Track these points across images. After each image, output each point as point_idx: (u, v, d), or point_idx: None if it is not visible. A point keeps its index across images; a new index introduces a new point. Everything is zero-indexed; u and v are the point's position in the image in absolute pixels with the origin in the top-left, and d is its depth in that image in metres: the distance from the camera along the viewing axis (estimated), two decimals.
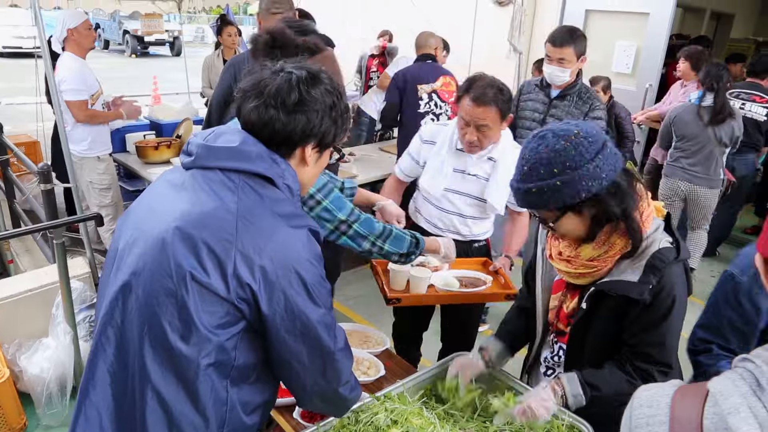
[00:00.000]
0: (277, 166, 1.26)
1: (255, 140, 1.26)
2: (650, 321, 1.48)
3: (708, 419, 0.78)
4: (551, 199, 1.39)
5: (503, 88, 2.25)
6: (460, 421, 1.67)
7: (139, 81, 13.19)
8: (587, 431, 1.56)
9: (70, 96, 3.91)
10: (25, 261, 4.02)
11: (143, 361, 1.19)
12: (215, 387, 1.21)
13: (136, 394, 1.21)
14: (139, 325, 1.19)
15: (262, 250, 1.16)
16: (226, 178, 1.22)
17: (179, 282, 1.15)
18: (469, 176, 2.45)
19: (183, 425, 1.21)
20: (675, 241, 1.50)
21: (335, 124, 1.31)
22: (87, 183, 4.21)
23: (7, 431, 2.73)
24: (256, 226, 1.18)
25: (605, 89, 4.93)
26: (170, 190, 1.28)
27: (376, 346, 2.16)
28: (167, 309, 1.16)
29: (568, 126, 1.41)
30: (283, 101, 1.23)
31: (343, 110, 1.33)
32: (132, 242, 1.25)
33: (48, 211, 3.19)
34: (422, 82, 4.26)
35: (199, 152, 1.26)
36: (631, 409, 0.89)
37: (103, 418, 1.24)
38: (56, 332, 2.89)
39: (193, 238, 1.16)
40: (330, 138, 1.32)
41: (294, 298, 1.19)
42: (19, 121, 8.38)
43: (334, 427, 1.54)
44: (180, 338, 1.16)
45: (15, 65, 15.35)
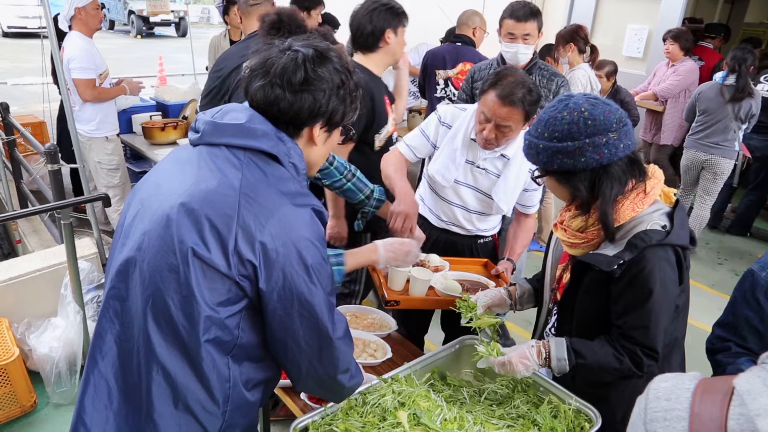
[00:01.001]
0: (283, 144, 1.25)
1: (262, 118, 1.25)
2: (632, 302, 1.49)
3: (733, 419, 0.72)
4: (531, 156, 1.53)
5: (533, 88, 2.06)
6: (466, 404, 1.68)
7: (144, 62, 13.16)
8: (594, 416, 1.57)
9: (78, 74, 3.90)
10: (32, 241, 4.04)
11: (148, 335, 1.20)
12: (216, 363, 1.21)
13: (142, 368, 1.22)
14: (143, 300, 1.20)
15: (263, 226, 1.16)
16: (231, 154, 1.22)
17: (182, 258, 1.15)
18: (478, 170, 2.30)
19: (189, 400, 1.22)
20: (671, 226, 1.49)
21: (344, 102, 1.29)
22: (95, 163, 4.21)
23: (17, 409, 2.76)
24: (258, 203, 1.17)
25: (609, 75, 4.91)
26: (177, 167, 1.28)
27: (383, 328, 2.16)
28: (170, 285, 1.17)
29: (584, 102, 1.46)
30: (288, 80, 1.22)
31: (352, 89, 1.31)
32: (137, 218, 1.25)
33: (55, 191, 3.20)
34: (439, 67, 4.20)
35: (206, 129, 1.26)
36: (646, 400, 0.83)
37: (112, 389, 1.26)
38: (65, 312, 2.91)
39: (197, 215, 1.16)
40: (338, 117, 1.31)
41: (293, 277, 1.18)
42: (25, 101, 8.38)
43: (342, 409, 1.55)
44: (182, 314, 1.17)
45: (20, 45, 15.32)
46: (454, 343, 1.89)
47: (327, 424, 1.50)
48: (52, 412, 2.85)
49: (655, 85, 5.53)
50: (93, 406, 1.26)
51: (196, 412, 1.23)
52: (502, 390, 1.75)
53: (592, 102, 1.45)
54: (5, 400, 2.71)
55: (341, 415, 1.53)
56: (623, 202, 1.49)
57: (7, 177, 4.76)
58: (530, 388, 1.71)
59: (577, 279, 1.61)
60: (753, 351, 1.57)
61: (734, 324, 1.62)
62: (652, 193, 1.52)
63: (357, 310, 2.28)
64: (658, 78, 5.54)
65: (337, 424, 1.48)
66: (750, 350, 1.58)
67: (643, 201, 1.51)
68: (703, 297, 4.37)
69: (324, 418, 1.53)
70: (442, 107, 2.39)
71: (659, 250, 1.46)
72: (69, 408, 2.86)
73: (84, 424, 1.26)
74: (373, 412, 1.53)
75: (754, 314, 1.56)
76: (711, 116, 4.73)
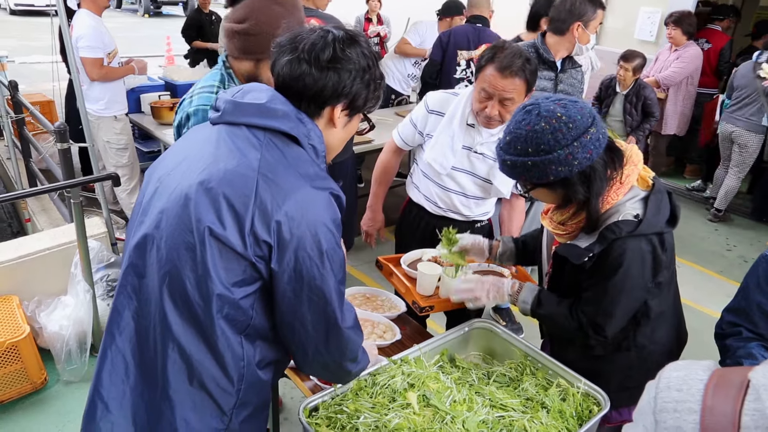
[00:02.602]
0: (303, 125, 1.24)
1: (284, 99, 1.25)
2: (594, 283, 1.58)
3: (748, 415, 0.69)
4: (521, 174, 1.48)
5: (530, 57, 2.05)
6: (475, 386, 1.68)
7: (152, 41, 13.10)
8: (603, 399, 1.57)
9: (86, 53, 3.88)
10: (42, 220, 4.06)
11: (164, 313, 1.20)
12: (230, 342, 1.22)
13: (158, 345, 1.23)
14: (160, 278, 1.21)
15: (279, 207, 1.15)
16: (251, 134, 1.22)
17: (199, 237, 1.16)
18: (475, 154, 2.26)
19: (203, 377, 1.23)
20: (644, 214, 1.50)
21: (367, 87, 1.29)
22: (104, 143, 4.21)
23: (28, 385, 2.79)
24: (276, 184, 1.17)
25: (636, 69, 4.70)
26: (196, 145, 1.28)
27: (392, 310, 2.16)
28: (187, 263, 1.17)
29: (555, 107, 1.43)
30: (317, 57, 1.21)
31: (377, 76, 1.31)
32: (155, 195, 1.25)
33: (64, 170, 3.21)
34: (463, 48, 4.14)
35: (227, 108, 1.26)
36: (656, 390, 0.80)
37: (129, 365, 1.27)
38: (75, 290, 2.93)
39: (214, 194, 1.16)
40: (361, 101, 1.30)
41: (305, 260, 1.18)
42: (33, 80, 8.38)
43: (351, 389, 1.56)
44: (198, 292, 1.17)
45: (27, 23, 15.28)
46: (464, 325, 1.89)
47: (337, 404, 1.51)
48: (62, 389, 2.88)
49: (657, 72, 5.44)
50: (110, 381, 1.27)
51: (211, 389, 1.24)
52: (511, 373, 1.75)
53: (562, 104, 1.43)
54: (17, 377, 2.74)
55: (351, 395, 1.54)
56: (604, 194, 1.51)
57: (17, 156, 4.78)
58: (539, 372, 1.72)
59: (559, 267, 1.69)
60: (764, 337, 1.57)
61: (746, 309, 1.61)
62: (628, 181, 1.53)
63: (367, 292, 2.28)
64: (660, 64, 5.44)
65: (347, 404, 1.49)
66: (761, 336, 1.58)
67: (618, 191, 1.52)
68: (711, 283, 4.36)
69: (334, 398, 1.54)
70: (431, 94, 2.35)
71: (629, 240, 1.50)
72: (79, 385, 2.89)
73: (101, 398, 1.28)
74: (382, 393, 1.54)
75: (766, 300, 1.56)
76: (742, 91, 4.98)
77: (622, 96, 4.82)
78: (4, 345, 2.66)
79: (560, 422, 1.51)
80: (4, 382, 2.70)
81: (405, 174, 2.60)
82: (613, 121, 4.93)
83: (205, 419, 1.26)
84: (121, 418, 1.27)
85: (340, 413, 1.47)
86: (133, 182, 4.39)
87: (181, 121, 1.86)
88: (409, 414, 1.45)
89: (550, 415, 1.52)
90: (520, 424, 1.47)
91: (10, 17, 16.84)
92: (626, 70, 4.64)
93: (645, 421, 0.80)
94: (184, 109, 1.84)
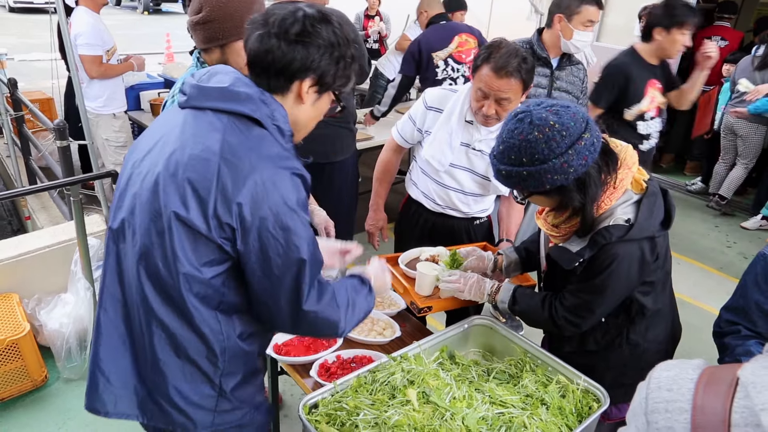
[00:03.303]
0: (266, 106, 1.25)
1: (248, 81, 1.27)
2: (577, 281, 1.62)
3: (737, 413, 0.69)
4: (517, 184, 1.49)
5: (526, 56, 2.01)
6: (474, 383, 1.68)
7: (151, 38, 13.09)
8: (602, 396, 1.57)
9: (84, 50, 3.88)
10: (41, 218, 4.05)
11: (144, 293, 1.27)
12: (205, 317, 1.27)
13: (143, 322, 1.30)
14: (137, 260, 1.27)
15: (240, 189, 1.17)
16: (215, 118, 1.24)
17: (167, 221, 1.21)
18: (474, 151, 2.25)
19: (189, 350, 1.30)
20: (635, 218, 1.51)
21: (336, 64, 1.29)
22: (103, 140, 4.21)
23: (29, 383, 2.80)
24: (237, 167, 1.18)
25: None
26: (165, 130, 1.30)
27: (392, 307, 2.16)
28: (158, 246, 1.23)
29: (547, 114, 1.41)
30: (286, 30, 1.23)
31: (347, 55, 1.31)
32: (130, 181, 1.31)
33: (64, 168, 3.20)
34: (436, 50, 4.12)
35: (192, 92, 1.28)
36: (647, 390, 0.80)
37: (125, 339, 1.35)
38: (75, 288, 2.94)
39: (180, 180, 1.20)
40: (330, 78, 1.30)
41: (269, 240, 1.19)
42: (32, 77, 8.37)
43: (351, 386, 1.56)
44: (168, 273, 1.23)
45: (27, 21, 15.26)
46: (463, 322, 1.89)
47: (337, 401, 1.51)
48: (62, 386, 2.88)
49: None
50: (108, 355, 1.35)
51: (198, 361, 1.31)
52: (511, 369, 1.75)
53: (554, 111, 1.42)
54: (17, 375, 2.74)
55: (351, 392, 1.54)
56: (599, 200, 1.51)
57: (16, 153, 4.77)
58: (538, 368, 1.72)
59: (553, 266, 1.71)
60: (762, 335, 1.56)
61: (744, 308, 1.61)
62: (621, 185, 1.52)
63: None
64: None
65: (346, 401, 1.49)
66: (760, 334, 1.58)
67: (611, 196, 1.52)
68: (711, 280, 4.36)
69: (334, 395, 1.54)
70: (429, 91, 2.34)
71: (618, 245, 1.51)
72: (79, 383, 2.89)
73: (102, 372, 1.35)
74: (382, 390, 1.54)
75: (765, 299, 1.56)
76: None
77: None
78: (5, 343, 2.66)
79: (560, 419, 1.51)
80: (4, 379, 2.71)
81: (406, 171, 2.59)
82: None
83: (197, 387, 1.33)
84: (122, 390, 1.35)
85: (340, 410, 1.48)
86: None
87: None
88: (409, 411, 1.45)
89: (549, 411, 1.52)
90: (520, 421, 1.47)
91: (9, 14, 16.81)
92: None
93: (637, 422, 0.80)
94: (167, 108, 1.86)
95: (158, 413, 1.35)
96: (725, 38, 5.84)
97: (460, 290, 1.87)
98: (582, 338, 1.74)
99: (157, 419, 1.36)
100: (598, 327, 1.71)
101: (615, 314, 1.67)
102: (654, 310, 1.68)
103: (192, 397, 1.33)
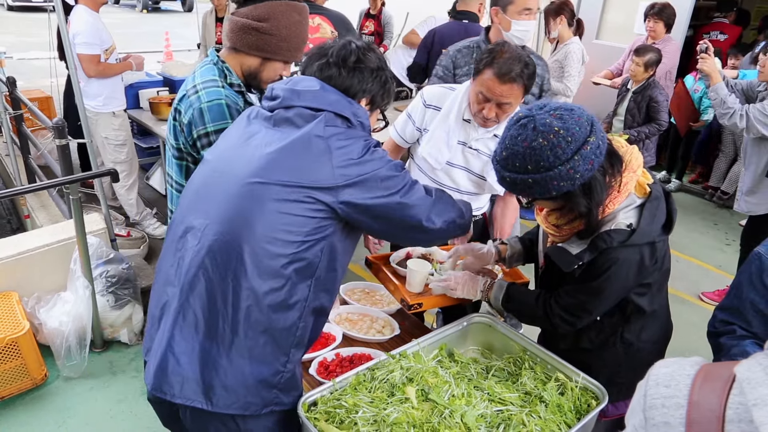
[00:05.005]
0: (351, 105, 1.48)
1: (332, 87, 1.48)
2: (575, 281, 1.62)
3: (731, 409, 0.70)
4: (522, 191, 1.48)
5: (528, 61, 2.00)
6: (473, 381, 1.69)
7: (150, 37, 13.08)
8: (601, 393, 1.58)
9: (82, 49, 3.87)
10: (41, 216, 4.05)
11: (236, 270, 1.37)
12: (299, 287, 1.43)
13: (230, 297, 1.38)
14: (225, 239, 1.39)
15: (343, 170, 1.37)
16: (309, 113, 1.42)
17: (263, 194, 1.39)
18: (470, 150, 2.25)
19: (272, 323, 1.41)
20: (637, 223, 1.50)
21: (383, 87, 1.55)
22: (102, 139, 4.20)
23: (28, 381, 2.80)
24: (337, 150, 1.38)
25: (649, 65, 4.29)
26: (253, 128, 1.49)
27: (391, 305, 2.17)
28: (253, 218, 1.38)
29: (551, 120, 1.39)
30: (344, 59, 1.48)
31: (389, 77, 1.57)
32: (213, 179, 1.47)
33: (63, 166, 3.20)
34: (446, 46, 4.12)
35: (285, 95, 1.45)
36: (646, 387, 0.81)
37: (199, 321, 1.40)
38: (74, 287, 2.94)
39: (281, 158, 1.38)
40: (379, 98, 1.56)
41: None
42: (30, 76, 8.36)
43: (350, 384, 1.56)
44: (265, 250, 1.38)
45: (25, 19, 15.24)
46: (462, 320, 1.89)
47: (336, 399, 1.51)
48: (62, 385, 2.89)
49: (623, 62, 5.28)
50: (181, 336, 1.39)
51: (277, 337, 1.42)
52: (510, 367, 1.76)
53: (558, 115, 1.39)
54: (17, 373, 2.74)
55: (350, 390, 1.54)
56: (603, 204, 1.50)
57: (15, 152, 4.77)
58: (537, 366, 1.72)
59: (550, 266, 1.70)
60: (758, 336, 1.55)
61: (739, 308, 1.59)
62: (625, 189, 1.51)
63: (366, 287, 2.29)
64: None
65: (345, 399, 1.50)
66: (755, 335, 1.55)
67: (615, 200, 1.51)
68: (710, 278, 4.36)
69: (333, 393, 1.54)
70: (428, 89, 2.33)
71: (619, 250, 1.50)
72: (79, 381, 2.90)
73: (173, 352, 1.39)
74: (381, 388, 1.54)
75: (760, 298, 1.53)
76: None
77: (632, 93, 4.50)
78: (4, 341, 2.66)
79: (558, 416, 1.51)
80: (4, 378, 2.71)
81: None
82: (617, 120, 4.63)
83: (268, 363, 1.41)
84: (190, 372, 1.38)
85: (339, 408, 1.48)
86: (131, 178, 4.39)
87: (192, 119, 1.84)
88: (408, 408, 1.45)
89: (548, 409, 1.53)
90: (519, 419, 1.47)
91: (7, 13, 16.78)
92: (637, 65, 4.31)
93: (635, 420, 0.81)
94: (193, 106, 1.83)
95: (225, 396, 1.38)
96: (724, 32, 5.86)
97: (452, 288, 1.88)
98: (577, 336, 1.74)
99: (222, 404, 1.39)
100: (593, 326, 1.70)
101: (610, 313, 1.67)
102: (650, 311, 1.68)
103: (265, 374, 1.41)
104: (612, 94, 4.78)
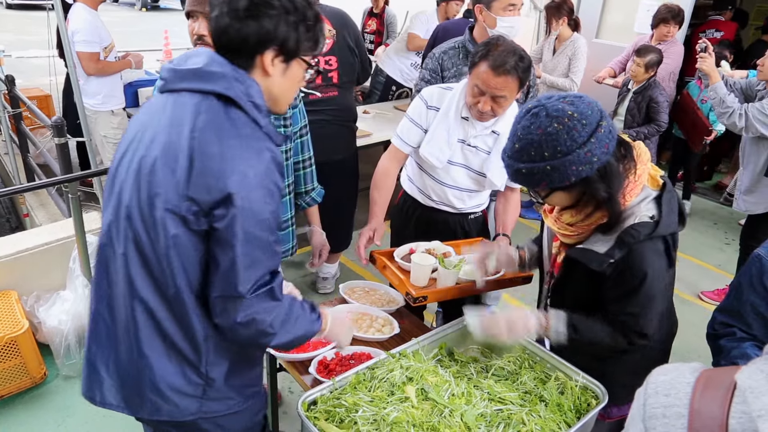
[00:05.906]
0: (241, 83, 1.26)
1: (222, 60, 1.27)
2: (623, 292, 1.52)
3: (735, 418, 0.68)
4: (541, 181, 1.41)
5: (524, 55, 2.01)
6: (473, 380, 1.69)
7: (149, 35, 13.06)
8: (601, 393, 1.58)
9: (81, 47, 3.87)
10: (40, 215, 4.05)
11: (131, 280, 1.30)
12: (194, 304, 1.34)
13: (128, 313, 1.33)
14: (124, 246, 1.31)
15: (218, 174, 1.20)
16: (190, 99, 1.26)
17: (150, 208, 1.25)
18: (469, 147, 2.26)
19: (175, 337, 1.34)
20: (659, 215, 1.48)
21: (296, 30, 1.28)
22: (101, 137, 4.20)
23: (28, 380, 2.80)
24: (212, 148, 1.21)
25: (650, 66, 4.23)
26: (150, 117, 1.33)
27: (391, 304, 2.17)
28: (144, 233, 1.28)
29: (563, 105, 1.38)
30: (234, 8, 1.24)
31: (309, 17, 1.30)
32: (116, 170, 1.36)
33: (62, 165, 3.20)
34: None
35: (168, 76, 1.30)
36: (645, 396, 0.79)
37: (109, 328, 1.37)
38: (74, 285, 2.93)
39: (159, 166, 1.24)
40: (292, 44, 1.29)
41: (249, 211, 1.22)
42: (29, 74, 8.34)
43: (350, 383, 1.56)
44: (158, 260, 1.29)
45: (24, 17, 15.21)
46: (462, 319, 1.89)
47: (335, 398, 1.51)
48: (62, 383, 2.88)
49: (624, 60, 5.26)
50: (96, 346, 1.39)
51: (182, 348, 1.35)
52: (509, 366, 1.75)
53: (569, 101, 1.39)
54: (16, 372, 2.74)
55: (349, 389, 1.54)
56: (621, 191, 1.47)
57: (14, 151, 4.76)
58: (537, 365, 1.72)
59: (569, 269, 1.62)
60: (758, 338, 1.54)
61: (739, 310, 1.58)
62: (640, 180, 1.49)
63: (366, 286, 2.28)
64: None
65: (345, 398, 1.50)
66: (755, 337, 1.55)
67: (632, 192, 1.49)
68: (710, 278, 4.36)
69: (332, 392, 1.54)
70: (427, 90, 2.32)
71: (648, 243, 1.47)
72: (79, 380, 2.89)
73: (92, 364, 1.40)
74: (381, 387, 1.54)
75: (760, 300, 1.52)
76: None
77: (632, 93, 4.46)
78: (4, 340, 2.66)
79: (558, 415, 1.51)
80: (3, 377, 2.70)
81: None
82: (617, 120, 4.57)
83: (184, 375, 1.35)
84: (110, 380, 1.38)
85: (339, 407, 1.48)
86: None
87: None
88: (408, 407, 1.45)
89: (548, 408, 1.53)
90: (519, 418, 1.47)
91: (6, 11, 16.76)
92: (638, 65, 4.27)
93: (635, 429, 0.79)
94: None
95: (142, 404, 1.36)
96: (720, 29, 5.85)
97: (498, 334, 1.65)
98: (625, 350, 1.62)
99: (143, 410, 1.37)
100: None
101: None
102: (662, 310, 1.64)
103: (177, 384, 1.35)
104: (612, 94, 4.77)
